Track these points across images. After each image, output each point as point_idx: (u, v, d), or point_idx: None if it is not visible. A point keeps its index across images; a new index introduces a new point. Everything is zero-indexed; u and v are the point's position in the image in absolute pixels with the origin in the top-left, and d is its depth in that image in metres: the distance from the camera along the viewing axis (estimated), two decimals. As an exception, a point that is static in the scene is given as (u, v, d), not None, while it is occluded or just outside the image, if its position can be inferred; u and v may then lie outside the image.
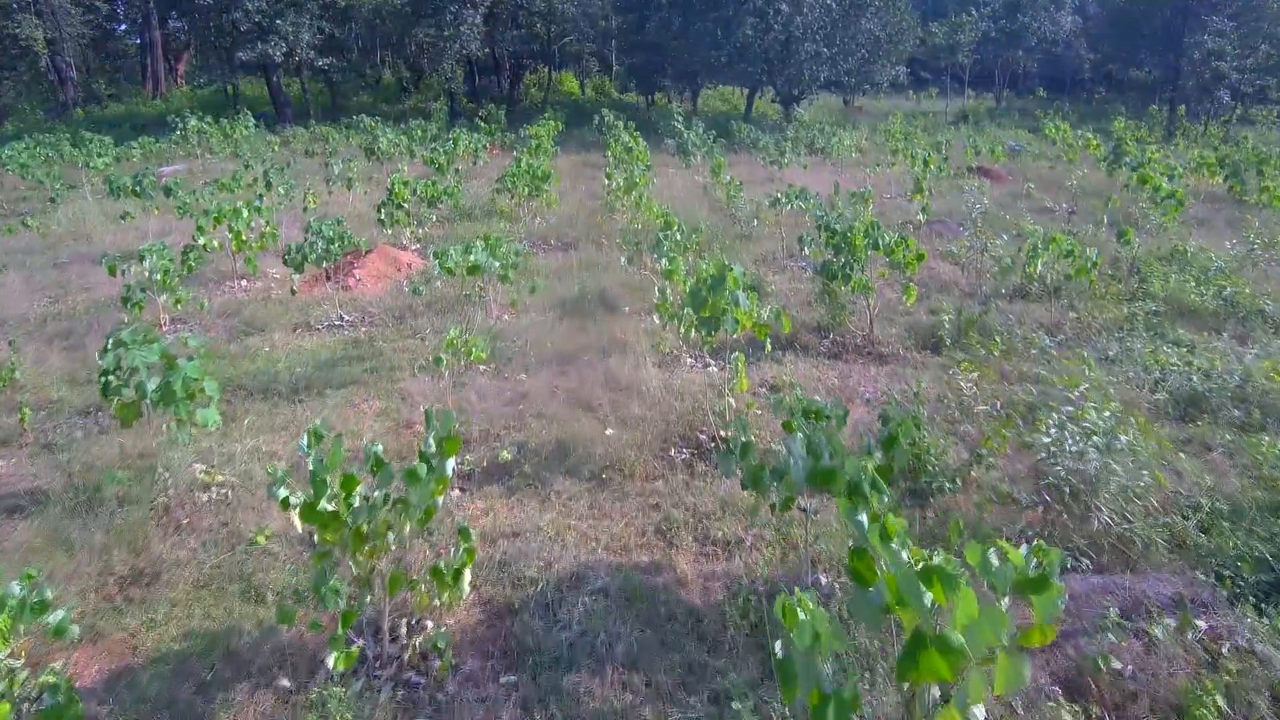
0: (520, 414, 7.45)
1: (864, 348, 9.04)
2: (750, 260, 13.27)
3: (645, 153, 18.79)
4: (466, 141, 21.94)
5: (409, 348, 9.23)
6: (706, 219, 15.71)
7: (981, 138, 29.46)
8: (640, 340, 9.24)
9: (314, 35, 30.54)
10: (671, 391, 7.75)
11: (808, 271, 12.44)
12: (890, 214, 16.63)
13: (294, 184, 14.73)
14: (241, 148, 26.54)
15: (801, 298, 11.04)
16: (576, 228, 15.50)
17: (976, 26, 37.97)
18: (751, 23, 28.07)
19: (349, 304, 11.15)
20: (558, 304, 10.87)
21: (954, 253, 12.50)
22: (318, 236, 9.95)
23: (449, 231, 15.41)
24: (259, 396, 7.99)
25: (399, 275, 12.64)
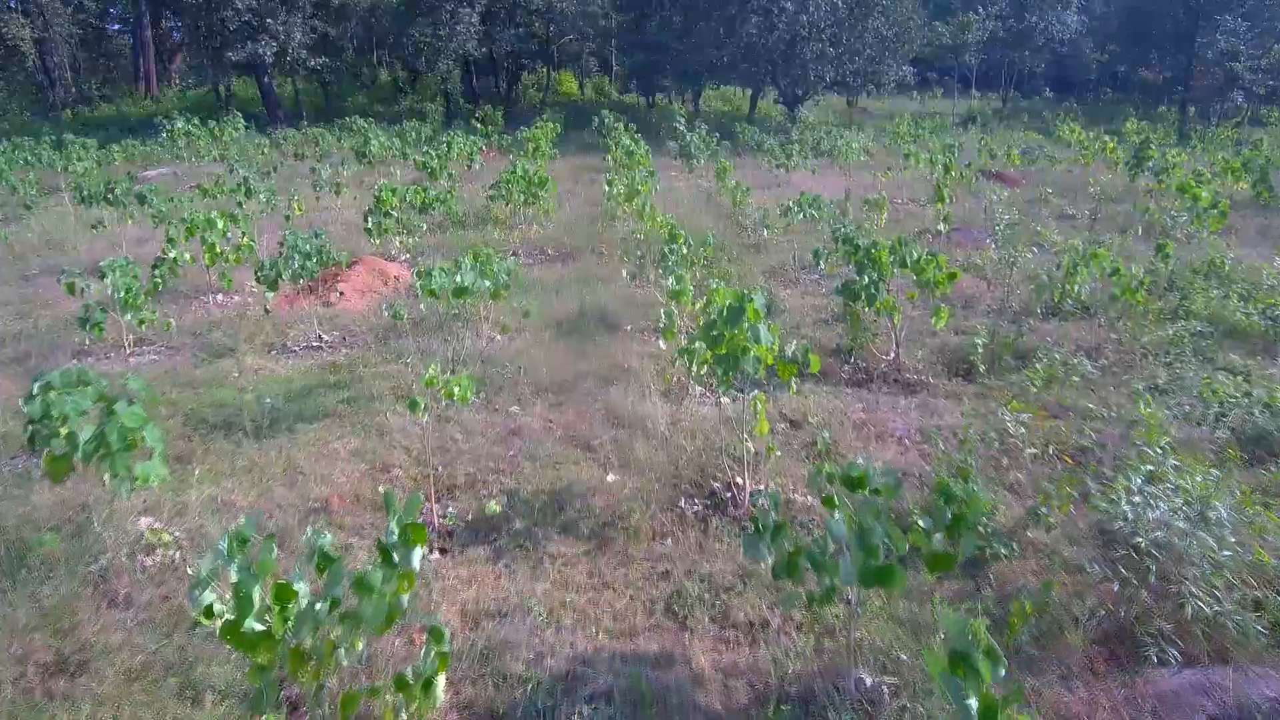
0: (511, 455, 6.66)
1: (889, 374, 8.26)
2: (760, 272, 12.49)
3: (647, 156, 18.01)
4: (461, 144, 21.16)
5: (392, 374, 8.44)
6: (712, 228, 14.92)
7: (993, 140, 28.68)
8: (644, 366, 8.46)
9: (306, 35, 29.76)
10: (680, 429, 6.97)
11: (822, 286, 11.66)
12: (905, 221, 15.86)
13: (277, 190, 13.94)
14: (231, 150, 25.77)
15: (818, 315, 10.26)
16: (575, 236, 14.72)
17: (984, 26, 37.18)
18: (756, 22, 27.28)
19: (330, 322, 10.36)
20: (555, 322, 10.09)
21: (979, 265, 11.72)
22: (293, 251, 9.17)
23: (441, 241, 14.63)
24: (221, 433, 7.20)
25: (386, 289, 11.85)
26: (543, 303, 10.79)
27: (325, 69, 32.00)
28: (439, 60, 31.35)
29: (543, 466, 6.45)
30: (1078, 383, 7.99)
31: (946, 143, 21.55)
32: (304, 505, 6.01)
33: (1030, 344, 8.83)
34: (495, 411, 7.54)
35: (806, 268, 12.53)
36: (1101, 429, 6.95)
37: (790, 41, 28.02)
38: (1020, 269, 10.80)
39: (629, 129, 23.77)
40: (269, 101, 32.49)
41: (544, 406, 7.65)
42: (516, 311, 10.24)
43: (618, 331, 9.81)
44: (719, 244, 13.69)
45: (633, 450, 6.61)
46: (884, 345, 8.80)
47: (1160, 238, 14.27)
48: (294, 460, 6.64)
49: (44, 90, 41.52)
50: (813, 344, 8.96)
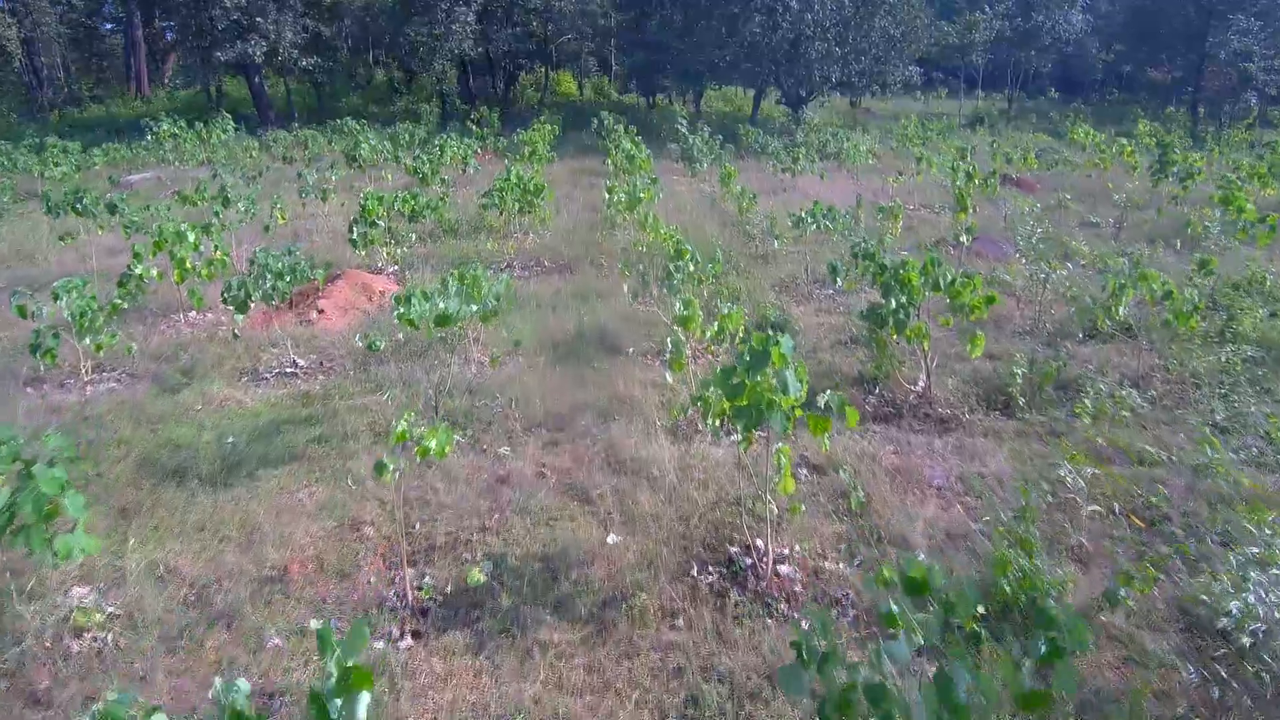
0: (499, 507, 5.88)
1: (919, 407, 7.48)
2: (769, 286, 11.71)
3: (648, 161, 17.23)
4: (455, 147, 20.37)
5: (369, 407, 7.66)
6: (718, 237, 14.15)
7: (1005, 142, 27.92)
8: (648, 398, 7.68)
9: (297, 34, 28.96)
10: (690, 476, 6.19)
11: (838, 302, 10.89)
12: (920, 230, 15.09)
13: (262, 196, 13.14)
14: (218, 153, 24.96)
15: (836, 337, 9.48)
16: (574, 245, 13.94)
17: (990, 25, 36.39)
18: (759, 20, 26.49)
19: (307, 343, 9.58)
20: (550, 344, 9.31)
21: (1008, 281, 10.94)
22: (264, 269, 8.38)
23: (431, 251, 13.84)
24: (174, 480, 6.41)
25: (370, 305, 11.07)
26: (538, 322, 10.01)
27: (317, 69, 31.18)
28: (434, 60, 30.54)
29: (534, 523, 5.67)
30: (1128, 418, 7.22)
31: (960, 146, 20.76)
32: (259, 573, 5.23)
33: (1071, 372, 8.06)
34: (482, 453, 6.76)
35: (820, 282, 11.75)
36: (1164, 477, 6.19)
37: (794, 41, 27.23)
38: (1054, 286, 10.02)
39: (629, 131, 22.99)
40: (260, 102, 31.67)
41: (537, 446, 6.87)
42: (509, 339, 9.47)
43: (619, 355, 9.03)
44: (726, 256, 12.93)
45: (637, 502, 5.83)
46: (912, 373, 8.02)
47: (1191, 248, 13.52)
48: (252, 515, 5.85)
49: (32, 91, 40.71)
50: (833, 371, 8.20)
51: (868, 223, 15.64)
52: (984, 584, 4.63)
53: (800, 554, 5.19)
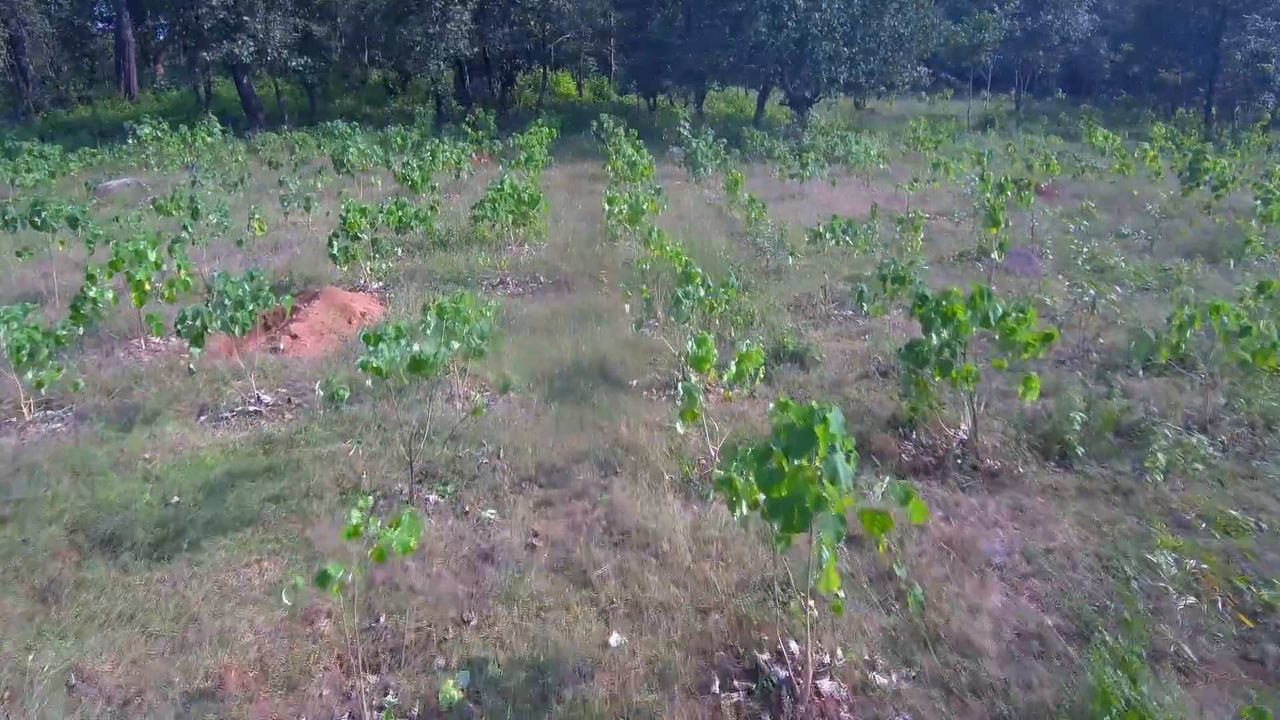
0: (480, 593, 4.98)
1: (963, 457, 6.58)
2: (783, 307, 10.81)
3: (650, 167, 16.32)
4: (448, 152, 19.46)
5: (339, 455, 6.75)
6: (726, 250, 13.26)
7: (1017, 145, 27.03)
8: (655, 444, 6.78)
9: (287, 34, 28.03)
10: (706, 550, 5.29)
11: (859, 325, 9.98)
12: (939, 242, 14.18)
13: (243, 204, 12.24)
14: (204, 157, 24.04)
15: (861, 367, 8.57)
16: (571, 259, 13.03)
17: (1000, 25, 35.48)
18: (764, 19, 25.57)
19: (276, 375, 8.66)
20: (545, 377, 8.41)
21: (1048, 304, 10.03)
22: (223, 296, 7.47)
23: (419, 266, 12.93)
24: (107, 551, 5.52)
25: (349, 329, 10.16)
26: (532, 350, 9.11)
27: (307, 70, 30.24)
28: (428, 61, 29.62)
29: (522, 615, 4.76)
30: (1201, 471, 6.32)
31: (977, 151, 19.87)
32: (189, 684, 4.33)
33: (1130, 414, 7.16)
34: (464, 517, 5.85)
35: (839, 301, 10.85)
36: (1255, 549, 5.30)
37: (800, 40, 26.31)
38: (1102, 311, 9.11)
39: (630, 135, 22.08)
40: (248, 104, 30.74)
41: (528, 507, 5.96)
42: (500, 363, 8.57)
43: (621, 389, 8.13)
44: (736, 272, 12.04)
45: (644, 587, 4.93)
46: (952, 415, 7.12)
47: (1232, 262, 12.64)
48: (189, 602, 4.95)
49: (19, 91, 39.76)
50: (862, 412, 7.30)
51: (884, 233, 14.75)
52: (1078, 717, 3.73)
53: (844, 662, 4.29)
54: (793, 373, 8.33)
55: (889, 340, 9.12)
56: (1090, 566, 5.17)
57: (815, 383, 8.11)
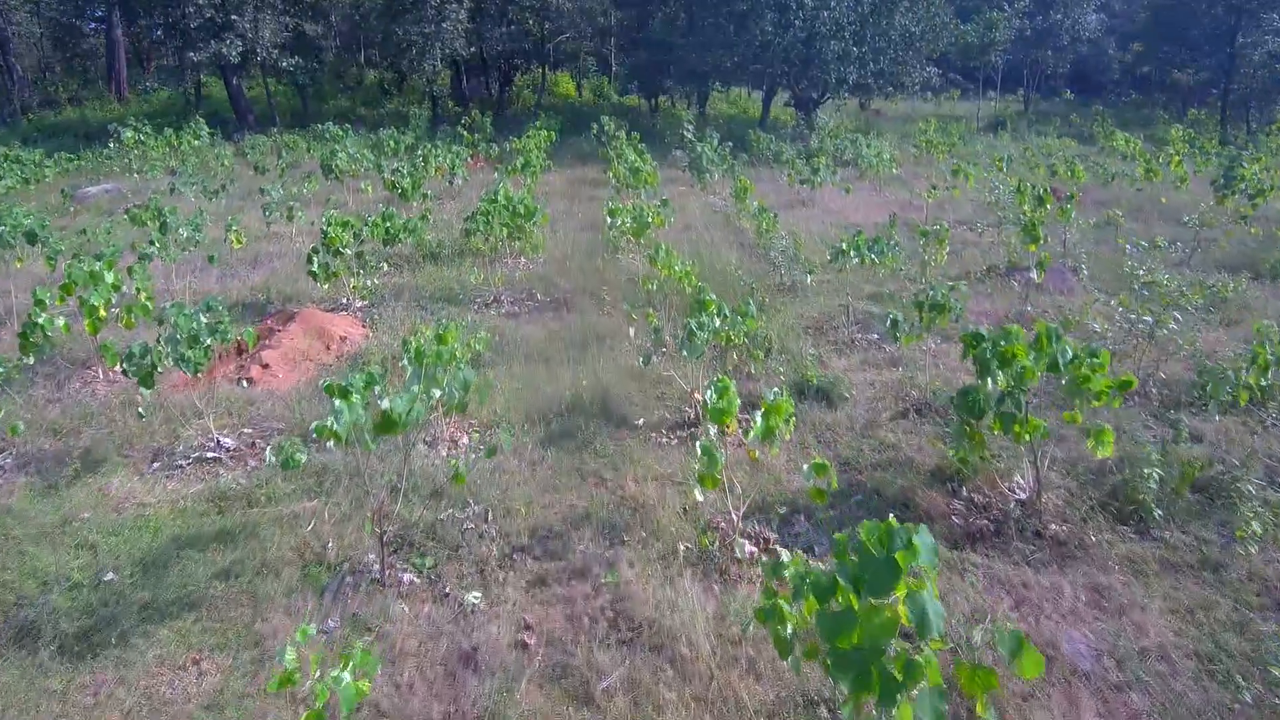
0: (459, 712, 4.10)
1: (1025, 520, 5.70)
2: (802, 329, 9.93)
3: (654, 174, 15.43)
4: (442, 156, 18.56)
5: (302, 517, 5.87)
6: (737, 265, 12.38)
7: (1030, 148, 26.14)
8: (667, 503, 5.90)
9: (277, 33, 27.13)
10: (733, 656, 4.40)
11: (887, 351, 9.10)
12: (964, 255, 13.30)
13: (223, 213, 11.35)
14: (189, 161, 23.14)
15: (894, 403, 7.69)
16: (571, 274, 12.15)
17: (1010, 24, 34.59)
18: (771, 18, 24.67)
19: (242, 413, 7.78)
20: (542, 411, 7.53)
21: (1096, 330, 9.15)
22: (176, 330, 6.58)
23: (408, 282, 12.04)
24: (25, 645, 4.64)
25: (328, 356, 9.27)
26: (527, 382, 8.23)
27: (299, 70, 29.33)
28: (424, 61, 28.71)
29: (511, 746, 3.89)
30: (1300, 536, 5.45)
31: (999, 156, 18.96)
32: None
33: (1201, 456, 6.28)
34: (443, 601, 4.97)
35: (861, 323, 9.96)
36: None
37: (808, 39, 25.42)
38: (1159, 340, 8.22)
39: (632, 139, 21.19)
40: (238, 105, 29.83)
41: (519, 587, 5.08)
42: (493, 399, 7.70)
43: (627, 428, 7.26)
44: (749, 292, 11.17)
45: (660, 706, 4.05)
46: (1006, 466, 6.24)
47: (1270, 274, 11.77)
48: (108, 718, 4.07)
49: (6, 92, 38.86)
50: (902, 461, 6.42)
51: (903, 245, 13.87)
52: None
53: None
54: (819, 411, 7.45)
55: (924, 371, 8.25)
56: (1193, 673, 4.30)
57: (845, 424, 7.23)
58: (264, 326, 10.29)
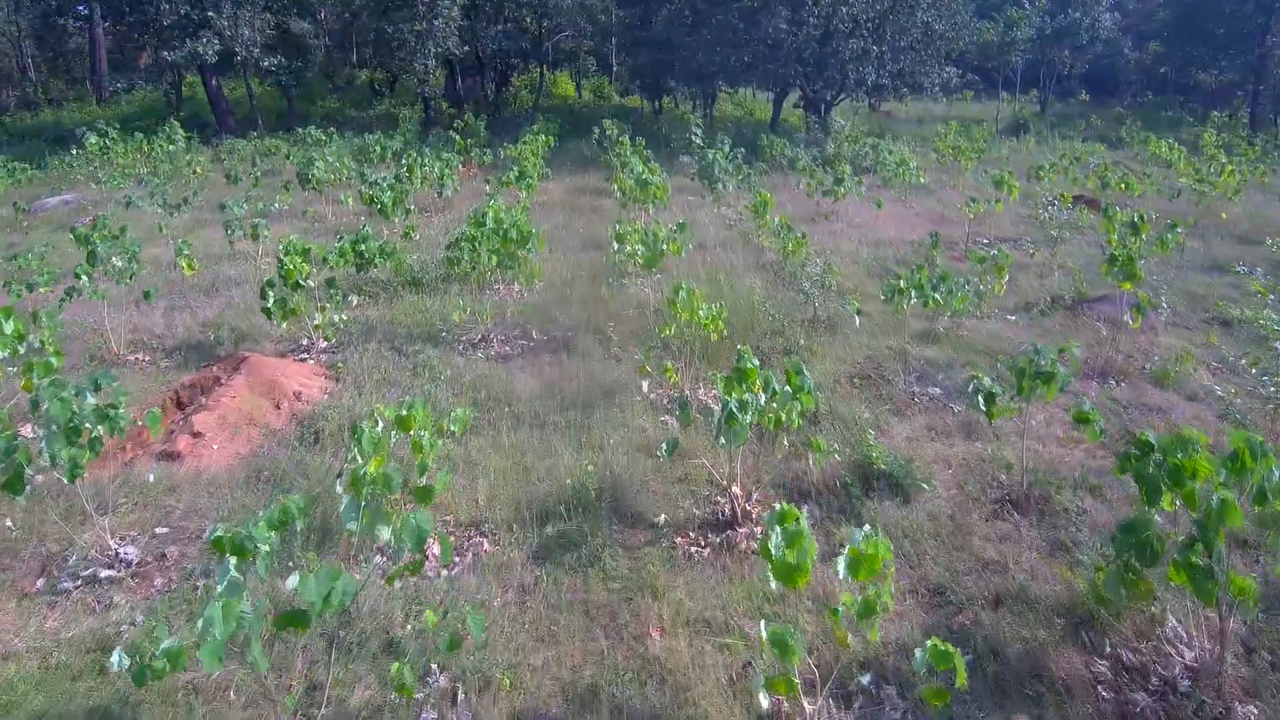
0: None
1: (1198, 697, 4.10)
2: (848, 380, 8.34)
3: (665, 188, 13.83)
4: (430, 164, 16.95)
5: (206, 692, 4.26)
6: (761, 295, 10.78)
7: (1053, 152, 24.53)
8: (704, 661, 4.31)
9: (258, 31, 25.49)
10: None
11: (956, 410, 7.50)
12: (1020, 283, 11.68)
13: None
14: (162, 168, 21.51)
15: (981, 490, 6.09)
16: (570, 305, 10.54)
17: (1031, 21, 33.00)
18: (784, 14, 23.06)
19: (157, 504, 6.17)
20: (535, 506, 5.93)
21: (1220, 395, 7.54)
22: (52, 421, 4.96)
23: (383, 315, 10.43)
24: None
25: (276, 419, 7.66)
26: (516, 461, 6.63)
27: (282, 70, 27.69)
28: (414, 60, 27.09)
29: None
30: None
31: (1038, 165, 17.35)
32: None
33: None
34: None
35: (920, 374, 8.36)
36: None
37: (823, 37, 23.80)
38: None
39: (637, 146, 19.57)
40: (217, 107, 28.19)
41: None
42: (473, 483, 6.11)
43: (642, 526, 5.67)
44: (776, 325, 9.58)
45: None
46: (1160, 610, 4.64)
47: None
48: None
49: (-20, 92, 37.25)
50: (1017, 594, 4.82)
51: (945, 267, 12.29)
52: None
53: None
54: (891, 508, 5.86)
55: (1011, 443, 6.65)
56: None
57: (926, 527, 5.64)
58: (207, 375, 8.69)
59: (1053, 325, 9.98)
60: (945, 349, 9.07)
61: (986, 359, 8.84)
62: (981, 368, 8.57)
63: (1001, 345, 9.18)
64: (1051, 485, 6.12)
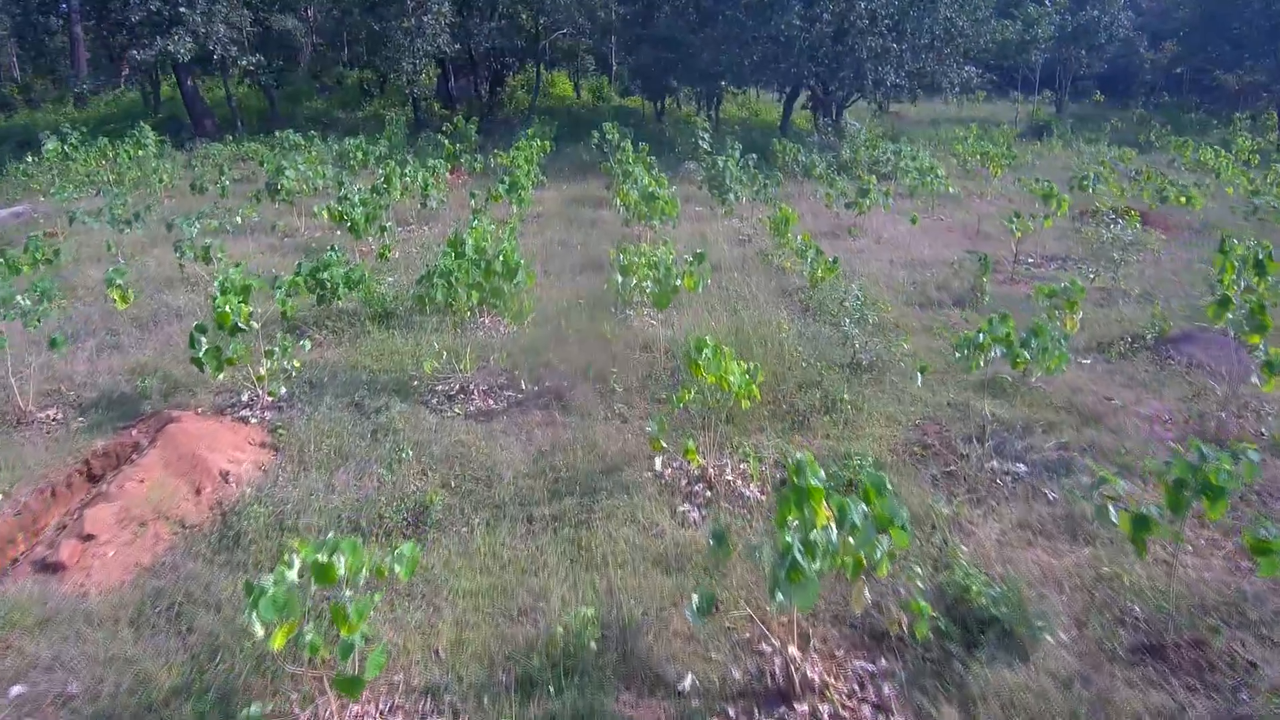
0: None
1: None
2: (904, 449, 6.79)
3: (674, 203, 12.25)
4: (411, 174, 15.37)
5: None
6: (787, 327, 9.21)
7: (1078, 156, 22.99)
8: None
9: (236, 28, 23.88)
10: None
11: (1059, 501, 5.95)
12: (1087, 316, 10.12)
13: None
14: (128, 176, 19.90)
15: (1111, 639, 4.54)
16: (567, 346, 8.97)
17: (1051, 19, 31.43)
18: (797, 10, 21.47)
19: (25, 645, 4.62)
20: (514, 664, 4.38)
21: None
22: None
23: (342, 358, 8.86)
24: None
25: (194, 508, 6.09)
26: (497, 583, 5.08)
27: (262, 69, 26.07)
28: (402, 59, 25.49)
29: None
30: None
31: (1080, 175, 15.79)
32: None
33: None
34: None
35: (995, 439, 6.80)
36: None
37: (838, 34, 22.24)
38: None
39: (640, 152, 17.98)
40: (193, 109, 26.54)
41: None
42: (439, 618, 4.56)
43: (660, 696, 4.12)
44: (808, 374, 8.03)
45: None
46: None
47: None
48: None
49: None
50: None
51: (995, 297, 10.76)
52: None
53: None
54: (999, 666, 4.30)
55: (1125, 550, 5.08)
56: None
57: (1051, 692, 4.08)
58: (125, 441, 7.14)
59: (1137, 372, 8.41)
60: (1018, 405, 7.52)
61: (1072, 419, 7.30)
62: (1068, 432, 7.04)
63: (1085, 401, 7.63)
64: (1202, 623, 4.58)
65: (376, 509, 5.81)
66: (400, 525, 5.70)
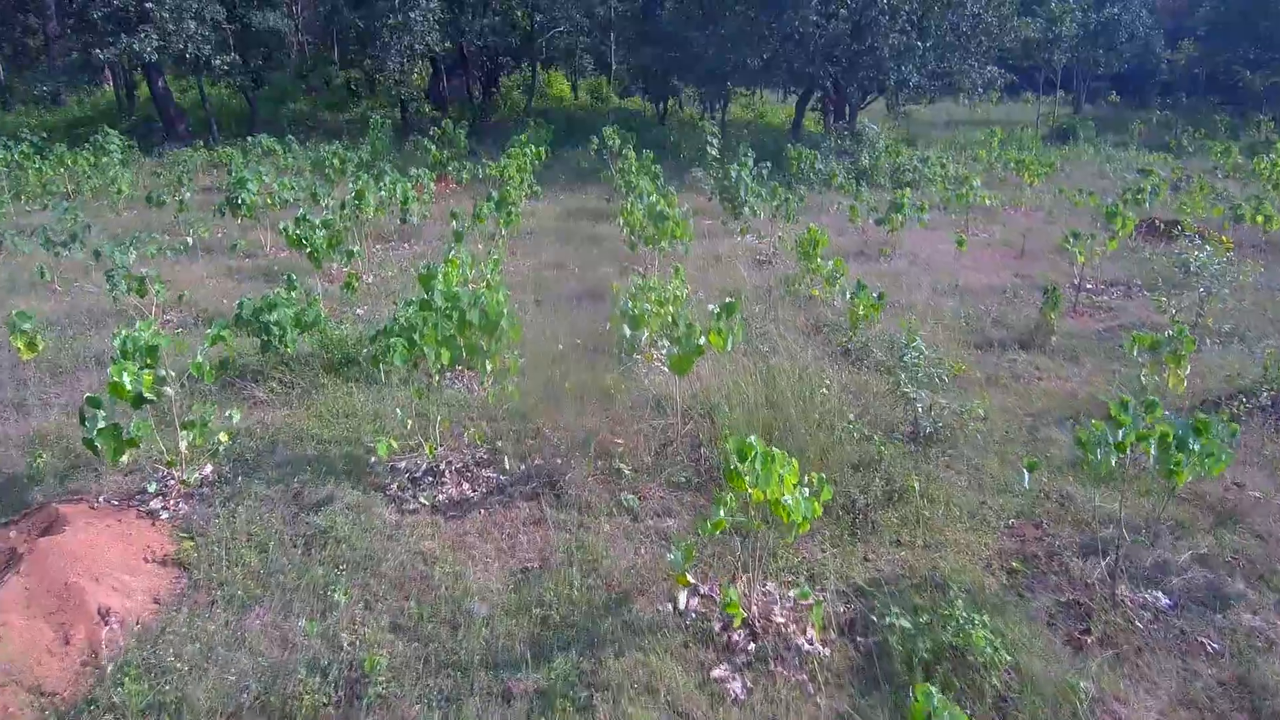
0: None
1: None
2: (998, 563, 5.21)
3: (686, 225, 10.63)
4: (390, 188, 13.74)
5: None
6: (831, 383, 7.61)
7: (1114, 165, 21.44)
8: None
9: (204, 25, 22.22)
10: None
11: (1209, 646, 4.37)
12: (1202, 365, 8.52)
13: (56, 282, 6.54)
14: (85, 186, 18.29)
15: None
16: (560, 407, 7.36)
17: (1075, 17, 29.86)
18: (813, 4, 19.87)
19: None
20: None
21: None
22: None
23: (283, 424, 7.24)
24: None
25: (59, 669, 4.47)
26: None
27: (236, 69, 24.42)
28: (388, 58, 23.89)
29: None
30: None
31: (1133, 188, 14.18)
32: None
33: None
34: None
35: (1126, 546, 5.20)
36: None
37: (855, 31, 20.64)
38: None
39: (646, 162, 16.35)
40: (165, 112, 24.92)
41: None
42: None
43: None
44: (873, 447, 6.45)
45: None
46: None
47: None
48: None
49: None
50: None
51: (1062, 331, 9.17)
52: None
53: None
54: None
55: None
56: None
57: None
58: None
59: (1260, 444, 6.82)
60: (1126, 494, 5.93)
61: (1202, 517, 5.73)
62: (1200, 535, 5.46)
63: (1209, 489, 6.05)
64: None
65: (295, 681, 4.21)
66: (324, 707, 4.10)
